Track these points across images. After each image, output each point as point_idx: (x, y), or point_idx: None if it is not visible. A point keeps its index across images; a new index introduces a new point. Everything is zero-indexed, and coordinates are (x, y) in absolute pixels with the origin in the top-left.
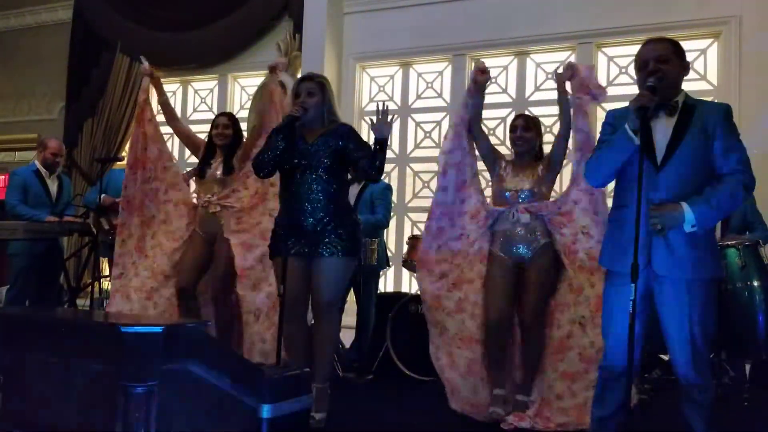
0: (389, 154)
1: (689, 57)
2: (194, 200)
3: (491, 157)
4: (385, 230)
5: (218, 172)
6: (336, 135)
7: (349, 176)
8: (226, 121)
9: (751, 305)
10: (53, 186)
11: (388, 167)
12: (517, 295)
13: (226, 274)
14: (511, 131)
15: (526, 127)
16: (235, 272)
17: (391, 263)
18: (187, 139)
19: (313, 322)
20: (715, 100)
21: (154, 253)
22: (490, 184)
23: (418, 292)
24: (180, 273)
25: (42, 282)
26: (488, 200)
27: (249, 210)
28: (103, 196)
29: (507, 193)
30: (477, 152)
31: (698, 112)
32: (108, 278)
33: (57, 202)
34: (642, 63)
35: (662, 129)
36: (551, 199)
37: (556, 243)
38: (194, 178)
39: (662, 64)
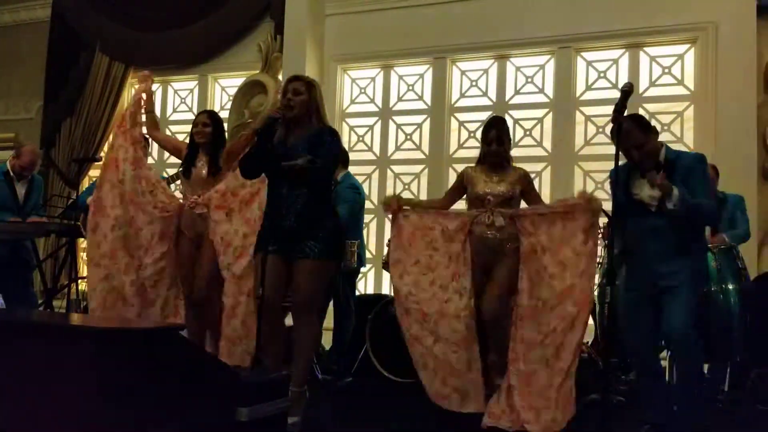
0: (370, 155)
1: (667, 62)
2: (180, 200)
3: (460, 192)
4: (365, 230)
5: (204, 172)
6: (313, 138)
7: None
8: (205, 119)
9: (727, 307)
10: (21, 190)
11: (368, 169)
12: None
13: (209, 276)
14: (486, 144)
15: (500, 141)
16: (218, 275)
17: (365, 263)
18: (167, 144)
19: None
20: (692, 105)
21: (141, 255)
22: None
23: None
24: (184, 284)
25: (9, 284)
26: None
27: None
28: (89, 197)
29: (486, 198)
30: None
31: (678, 167)
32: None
33: (24, 204)
34: (625, 151)
35: (647, 184)
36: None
37: (522, 246)
38: (180, 177)
39: (641, 148)
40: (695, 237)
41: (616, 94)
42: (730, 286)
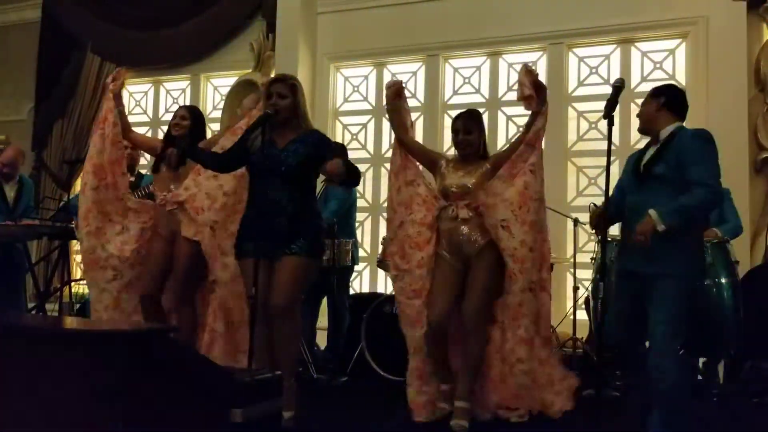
0: (364, 154)
1: (658, 57)
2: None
3: (428, 157)
4: (359, 229)
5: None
6: (307, 142)
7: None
8: (183, 112)
9: (720, 302)
10: (11, 192)
11: (362, 167)
12: (462, 295)
13: (187, 277)
14: (453, 133)
15: (467, 130)
16: (197, 275)
17: (359, 262)
18: (144, 145)
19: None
20: None
21: (109, 263)
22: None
23: (394, 293)
24: (142, 279)
25: (1, 289)
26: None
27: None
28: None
29: (448, 188)
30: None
31: (676, 139)
32: (79, 282)
33: (14, 207)
34: None
35: (648, 157)
36: None
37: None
38: (152, 172)
39: (641, 107)
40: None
41: (608, 90)
42: (723, 280)
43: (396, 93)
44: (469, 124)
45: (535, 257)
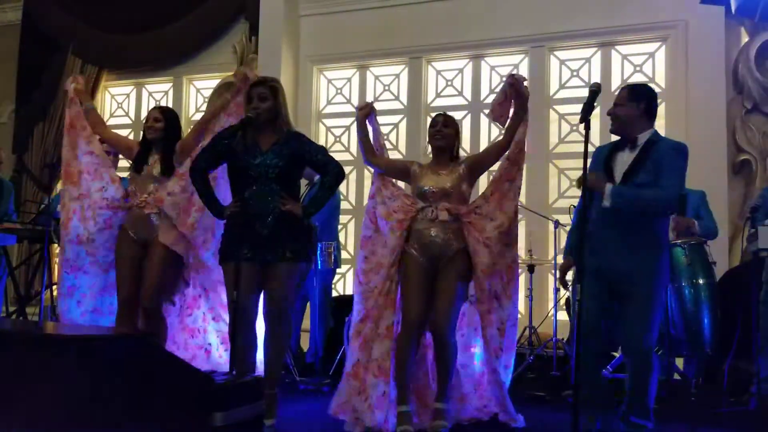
0: (347, 156)
1: (638, 60)
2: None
3: (398, 168)
4: (343, 231)
5: (155, 171)
6: (289, 142)
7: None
8: (156, 114)
9: (697, 302)
10: None
11: (345, 170)
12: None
13: (159, 283)
14: (431, 126)
15: (445, 124)
16: (168, 280)
17: (341, 264)
18: (117, 143)
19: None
20: (664, 102)
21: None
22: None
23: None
24: (118, 285)
25: None
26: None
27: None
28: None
29: (425, 190)
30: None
31: (655, 149)
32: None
33: None
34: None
35: (622, 161)
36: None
37: (470, 246)
38: (130, 174)
39: (616, 107)
40: (653, 229)
41: None
42: (701, 281)
43: (366, 116)
44: (447, 120)
45: (501, 271)
